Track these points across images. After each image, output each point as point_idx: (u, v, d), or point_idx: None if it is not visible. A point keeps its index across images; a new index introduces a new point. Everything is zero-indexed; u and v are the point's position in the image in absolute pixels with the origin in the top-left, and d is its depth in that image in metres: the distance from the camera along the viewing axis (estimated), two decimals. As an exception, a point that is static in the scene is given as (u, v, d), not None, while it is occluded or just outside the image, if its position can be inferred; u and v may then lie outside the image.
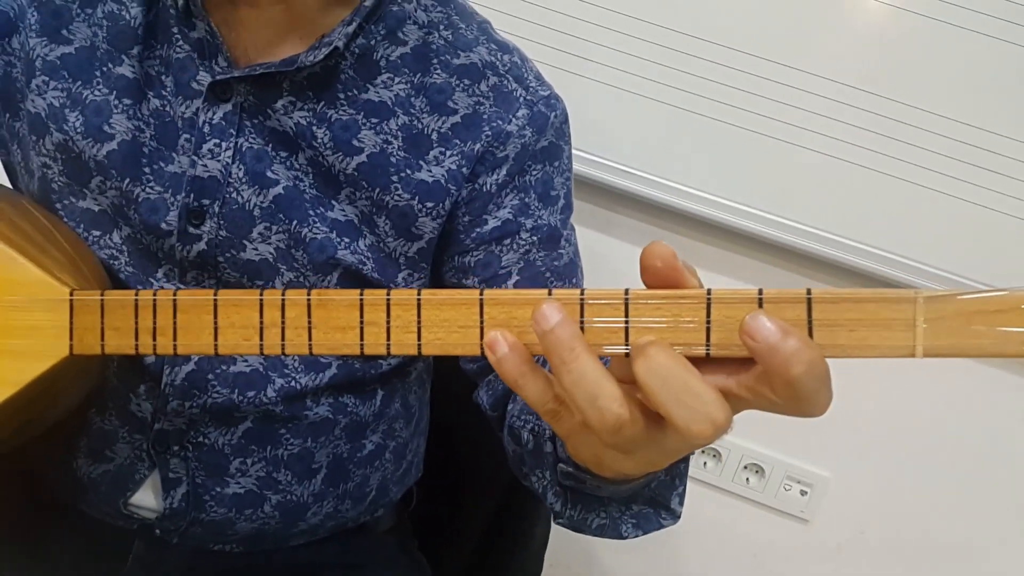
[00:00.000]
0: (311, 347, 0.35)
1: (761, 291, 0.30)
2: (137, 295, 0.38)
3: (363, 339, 0.34)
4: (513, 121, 0.54)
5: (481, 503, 0.77)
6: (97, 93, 0.52)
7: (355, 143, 0.53)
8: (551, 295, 0.32)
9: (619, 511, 0.44)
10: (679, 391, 0.29)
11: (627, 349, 0.32)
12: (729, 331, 0.30)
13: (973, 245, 0.92)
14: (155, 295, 0.38)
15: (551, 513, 0.48)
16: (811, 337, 0.30)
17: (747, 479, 1.10)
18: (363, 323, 0.34)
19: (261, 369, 0.57)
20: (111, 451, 0.57)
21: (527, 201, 0.56)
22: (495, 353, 0.32)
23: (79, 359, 0.40)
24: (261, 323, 0.35)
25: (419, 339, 0.34)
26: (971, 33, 0.87)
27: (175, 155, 0.52)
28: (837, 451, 1.06)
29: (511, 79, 0.56)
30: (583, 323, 0.32)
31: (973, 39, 0.87)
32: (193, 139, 0.52)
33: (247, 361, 0.56)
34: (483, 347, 0.32)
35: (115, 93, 0.52)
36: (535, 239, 0.56)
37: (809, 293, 0.30)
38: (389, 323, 0.34)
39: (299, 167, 0.53)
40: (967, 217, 0.91)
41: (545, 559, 0.79)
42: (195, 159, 0.52)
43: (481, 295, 0.33)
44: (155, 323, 0.37)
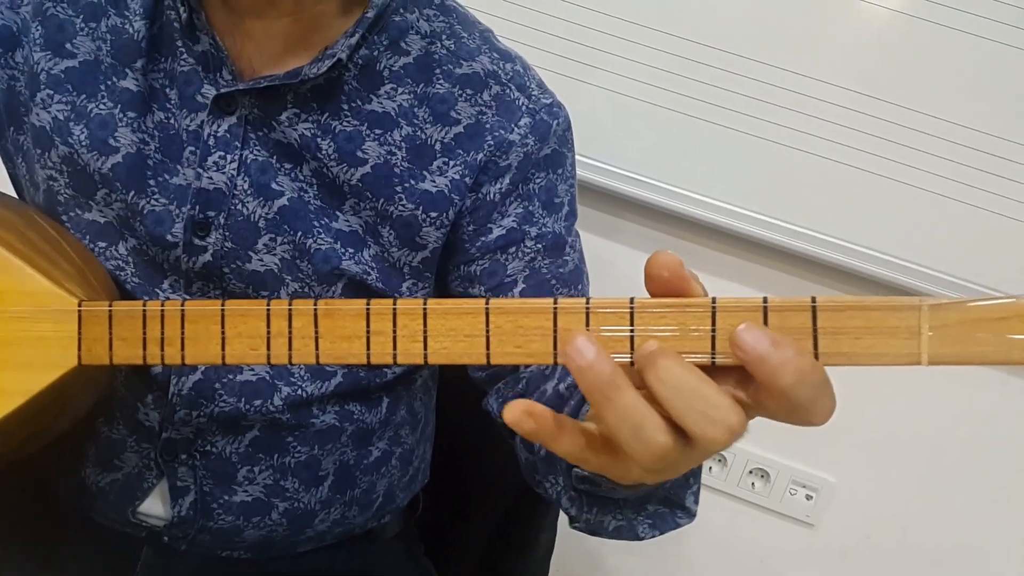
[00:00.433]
0: (318, 356, 0.35)
1: (766, 299, 0.30)
2: (145, 306, 0.38)
3: (369, 348, 0.34)
4: (515, 130, 0.55)
5: (487, 510, 0.77)
6: (102, 106, 0.52)
7: (359, 154, 0.53)
8: (557, 303, 0.33)
9: (635, 512, 0.44)
10: (691, 398, 0.29)
11: (631, 358, 0.32)
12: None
13: (978, 249, 0.92)
14: (163, 306, 0.38)
15: (567, 518, 0.48)
16: (816, 345, 0.30)
17: (752, 484, 1.10)
18: (369, 332, 0.34)
19: (267, 378, 0.57)
20: (119, 460, 0.58)
21: (531, 209, 0.56)
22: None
23: (87, 369, 0.40)
24: (268, 333, 0.36)
25: (425, 348, 0.34)
26: (976, 38, 0.87)
27: (180, 167, 0.52)
28: (842, 456, 1.06)
29: (513, 88, 0.56)
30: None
31: (978, 44, 0.87)
32: (198, 152, 0.52)
33: (253, 370, 0.57)
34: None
35: (120, 106, 0.52)
36: (540, 247, 0.56)
37: (814, 301, 0.30)
38: (395, 332, 0.34)
39: (303, 178, 0.54)
40: (972, 221, 0.91)
41: (550, 567, 0.79)
42: (200, 171, 0.52)
43: (487, 304, 0.33)
44: (163, 333, 0.37)
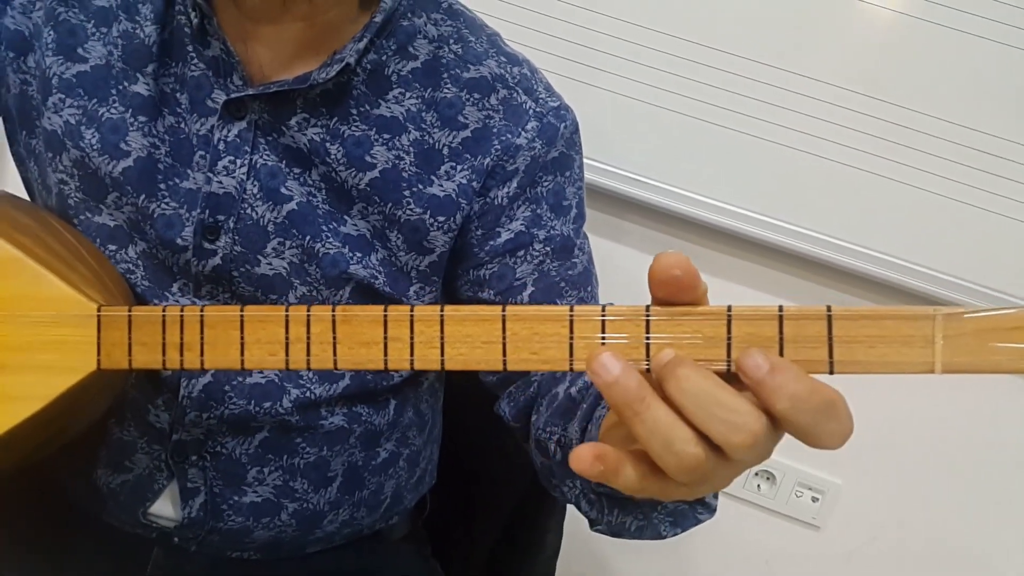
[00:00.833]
0: (336, 362, 0.35)
1: (781, 308, 0.31)
2: (164, 311, 0.38)
3: (387, 354, 0.35)
4: (523, 134, 0.55)
5: (493, 511, 0.78)
6: (113, 111, 0.52)
7: (367, 159, 0.53)
8: (573, 311, 0.33)
9: (655, 511, 0.44)
10: (712, 405, 0.29)
11: (647, 365, 0.32)
12: (749, 347, 0.31)
13: (984, 252, 0.92)
14: (182, 311, 0.38)
15: (588, 521, 0.48)
16: (831, 354, 0.30)
17: (758, 486, 1.10)
18: (387, 339, 0.35)
19: (276, 380, 0.57)
20: (130, 461, 0.58)
21: (539, 212, 0.57)
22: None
23: (105, 374, 0.40)
24: (287, 339, 0.36)
25: (442, 354, 0.34)
26: (983, 40, 0.87)
27: (190, 172, 0.53)
28: (848, 458, 1.06)
29: (520, 91, 0.56)
30: (604, 339, 0.32)
31: (984, 46, 0.87)
32: (208, 156, 0.52)
33: (262, 372, 0.57)
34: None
35: (131, 111, 0.52)
36: (548, 249, 0.57)
37: (829, 310, 0.30)
38: (413, 339, 0.34)
39: (312, 183, 0.54)
40: (978, 224, 0.91)
41: (556, 568, 0.79)
42: (210, 176, 0.52)
43: (503, 311, 0.34)
44: (182, 338, 0.38)
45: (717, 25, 0.92)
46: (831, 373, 0.31)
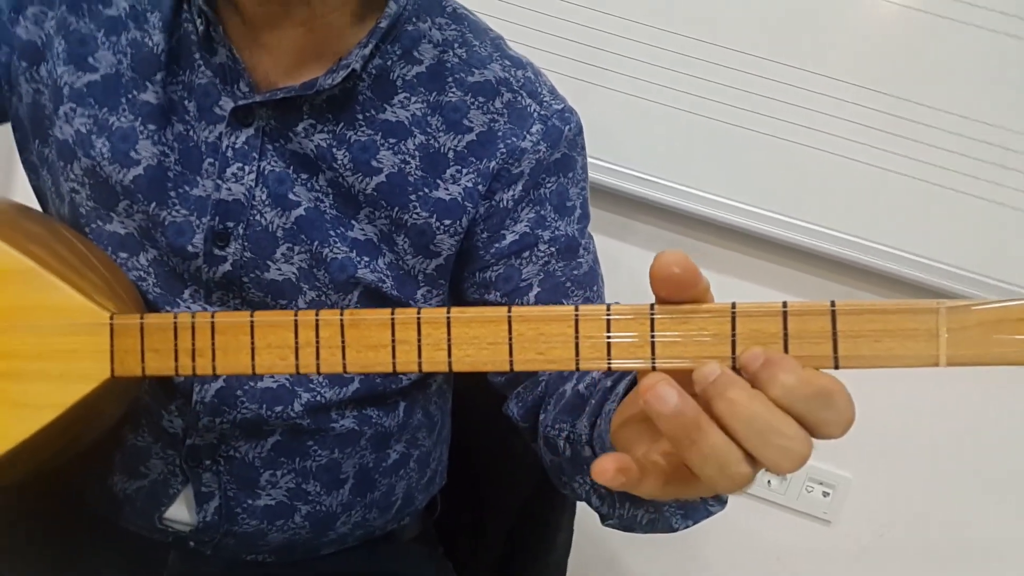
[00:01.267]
0: (345, 365, 0.36)
1: (785, 304, 0.31)
2: (176, 318, 0.39)
3: (395, 357, 0.35)
4: (527, 137, 0.55)
5: (504, 511, 0.78)
6: (123, 120, 0.53)
7: (374, 163, 0.54)
8: (578, 311, 0.33)
9: (666, 504, 0.44)
10: (768, 433, 0.29)
11: (653, 363, 0.32)
12: (754, 344, 0.31)
13: (991, 244, 0.92)
14: (194, 318, 0.39)
15: (599, 516, 0.48)
16: (836, 348, 0.30)
17: (768, 481, 1.10)
18: (395, 341, 0.35)
19: (288, 384, 0.58)
20: (145, 467, 0.59)
21: (543, 213, 0.57)
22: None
23: (119, 381, 0.41)
24: (296, 343, 0.36)
25: (449, 356, 0.34)
26: (991, 33, 0.86)
27: (199, 179, 0.53)
28: (859, 452, 1.06)
29: (525, 94, 0.56)
30: (609, 339, 0.33)
31: (992, 38, 0.86)
32: (217, 163, 0.53)
33: (274, 377, 0.57)
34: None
35: (140, 119, 0.53)
36: (553, 250, 0.57)
37: (833, 305, 0.30)
38: (420, 341, 0.35)
39: (320, 188, 0.54)
40: (984, 216, 0.91)
41: (568, 567, 0.80)
42: (219, 183, 0.53)
43: (509, 312, 0.34)
44: (194, 345, 0.38)
45: (721, 23, 0.92)
46: (836, 368, 0.31)
